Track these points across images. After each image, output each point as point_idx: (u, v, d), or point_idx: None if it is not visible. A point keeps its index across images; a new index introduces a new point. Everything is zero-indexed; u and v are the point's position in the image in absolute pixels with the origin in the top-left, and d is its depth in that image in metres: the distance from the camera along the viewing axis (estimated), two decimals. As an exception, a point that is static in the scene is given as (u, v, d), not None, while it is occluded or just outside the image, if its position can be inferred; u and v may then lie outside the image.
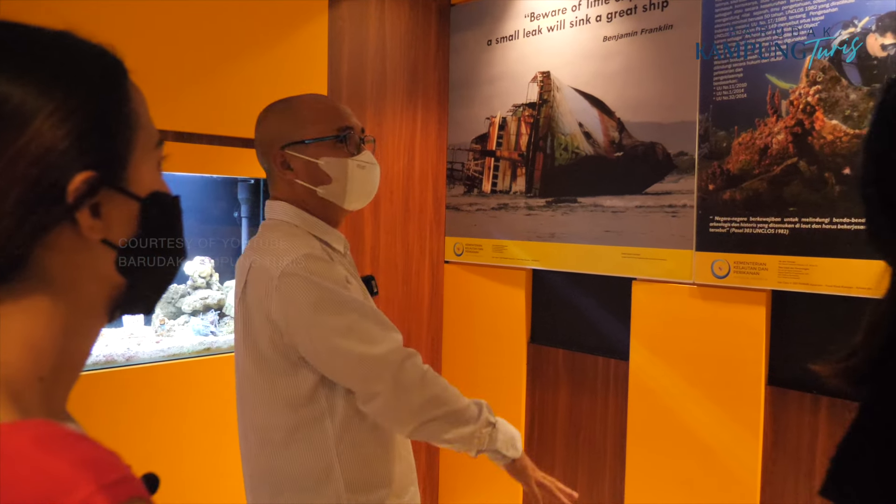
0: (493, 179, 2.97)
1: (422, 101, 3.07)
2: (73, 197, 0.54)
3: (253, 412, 1.41)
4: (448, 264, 3.17)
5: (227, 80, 2.41)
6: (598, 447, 2.66)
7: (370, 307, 1.33)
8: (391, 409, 1.31)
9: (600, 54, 2.58)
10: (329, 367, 1.32)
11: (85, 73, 0.58)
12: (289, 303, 1.28)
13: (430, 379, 1.34)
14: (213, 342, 2.48)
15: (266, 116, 1.45)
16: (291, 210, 1.41)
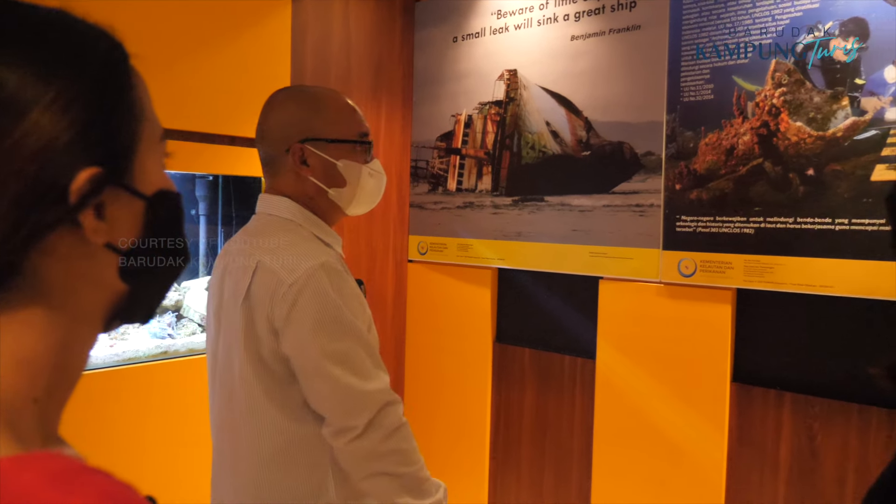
0: (458, 178, 2.96)
1: (386, 97, 3.04)
2: (75, 197, 0.49)
3: (245, 422, 1.32)
4: (412, 263, 3.14)
5: (186, 74, 2.33)
6: (564, 446, 2.67)
7: (368, 340, 1.29)
8: (357, 448, 1.26)
9: (568, 53, 2.59)
10: (312, 388, 1.26)
11: (86, 58, 0.52)
12: (294, 313, 1.23)
13: (405, 433, 1.29)
14: (170, 345, 2.39)
15: (285, 103, 1.37)
16: (295, 208, 1.36)
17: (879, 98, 1.91)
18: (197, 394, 2.32)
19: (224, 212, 2.80)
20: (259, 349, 1.28)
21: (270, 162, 1.37)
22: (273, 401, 1.29)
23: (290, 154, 1.34)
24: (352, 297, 1.28)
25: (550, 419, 2.71)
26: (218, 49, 2.41)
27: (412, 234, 3.14)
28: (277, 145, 1.35)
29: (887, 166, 1.89)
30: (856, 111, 1.95)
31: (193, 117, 2.32)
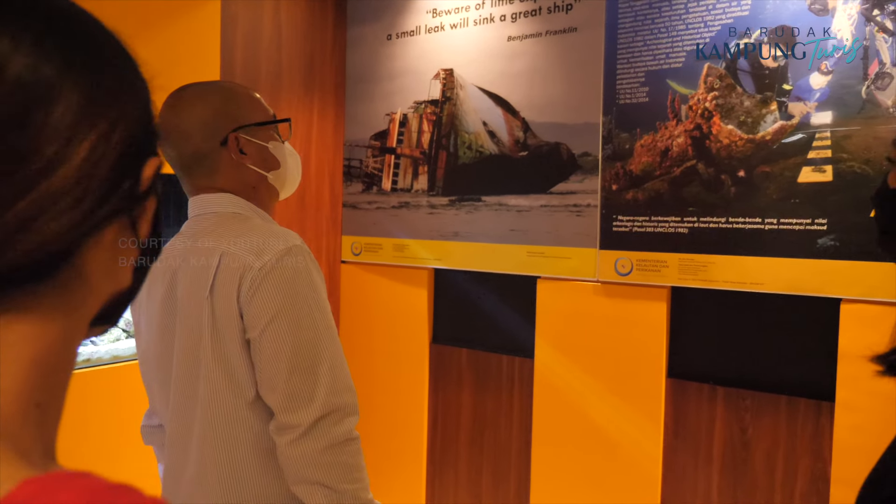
0: (393, 177, 2.92)
1: (318, 94, 2.97)
2: (146, 184, 0.47)
3: (214, 426, 1.25)
4: (345, 264, 3.09)
5: None
6: (502, 446, 2.68)
7: (335, 334, 1.26)
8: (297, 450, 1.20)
9: (505, 54, 2.60)
10: (264, 373, 1.20)
11: (125, 49, 0.54)
12: (261, 294, 1.18)
13: (354, 449, 1.23)
14: (92, 353, 2.27)
15: (202, 98, 1.31)
16: (241, 201, 1.31)
17: (805, 103, 2.00)
18: (123, 403, 2.20)
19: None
20: (227, 347, 1.22)
21: (200, 161, 1.30)
22: (243, 399, 1.23)
23: (227, 145, 1.30)
24: (320, 283, 1.25)
25: (489, 419, 2.72)
26: (143, 42, 2.26)
27: (345, 235, 3.08)
28: (208, 140, 1.29)
29: (812, 168, 1.99)
30: (783, 115, 2.04)
31: None
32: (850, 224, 1.93)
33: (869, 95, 1.91)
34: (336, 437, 1.20)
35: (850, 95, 1.93)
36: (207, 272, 1.23)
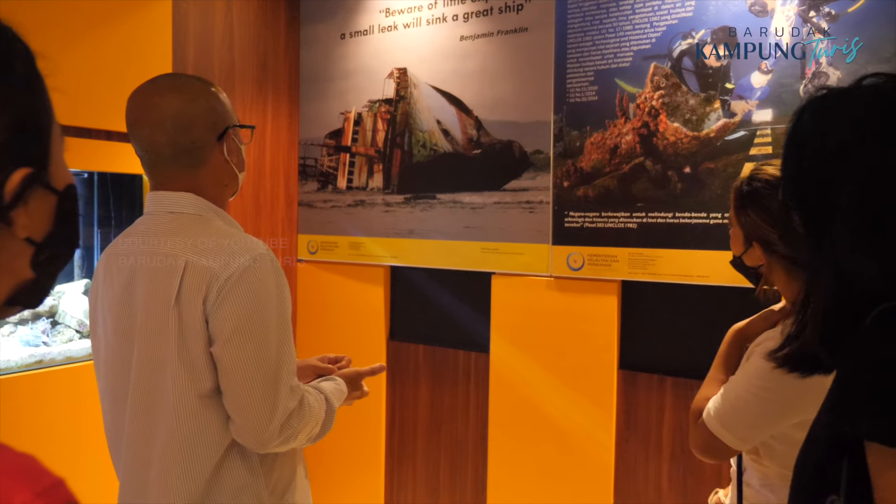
0: (348, 176, 2.86)
1: (272, 93, 2.89)
2: (10, 197, 0.51)
3: (179, 431, 1.21)
4: (301, 263, 3.01)
5: (61, 65, 2.08)
6: (460, 440, 2.65)
7: (291, 345, 1.24)
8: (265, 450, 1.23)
9: (458, 53, 2.56)
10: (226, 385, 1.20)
11: (11, 62, 0.53)
12: (226, 306, 1.17)
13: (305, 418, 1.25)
14: (45, 353, 2.17)
15: (201, 89, 1.27)
16: (201, 203, 1.27)
17: (747, 101, 2.01)
18: (77, 404, 2.11)
19: (101, 212, 2.55)
20: (192, 355, 1.19)
21: (192, 152, 1.25)
22: (209, 408, 1.21)
23: (222, 142, 1.28)
24: (283, 290, 1.24)
25: (445, 414, 2.68)
26: (93, 40, 2.20)
27: (301, 234, 3.01)
28: (208, 134, 1.26)
29: (754, 164, 2.00)
30: (726, 113, 2.04)
31: (67, 110, 2.07)
32: (791, 218, 1.94)
33: (806, 94, 1.92)
34: (294, 430, 1.22)
35: (788, 94, 1.95)
36: (172, 279, 1.19)
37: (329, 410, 1.32)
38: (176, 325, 1.19)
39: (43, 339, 2.23)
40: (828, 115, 0.80)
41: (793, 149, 0.84)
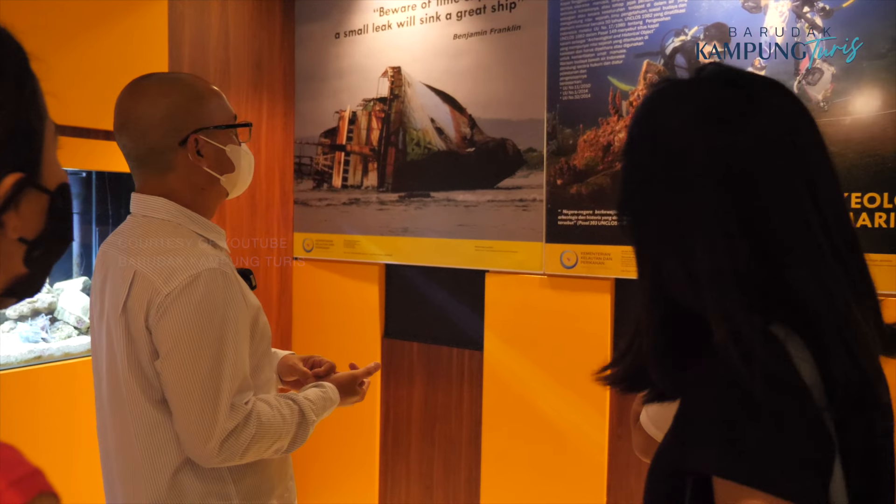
0: (343, 174, 2.82)
1: (267, 92, 2.85)
2: (1, 201, 0.52)
3: (137, 434, 1.20)
4: (297, 261, 2.97)
5: (58, 65, 2.05)
6: (453, 438, 2.61)
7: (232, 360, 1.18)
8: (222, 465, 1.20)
9: (451, 52, 2.52)
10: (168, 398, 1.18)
11: (6, 64, 0.53)
12: (165, 322, 1.14)
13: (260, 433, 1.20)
14: (44, 349, 2.16)
15: (164, 93, 1.22)
16: (173, 208, 1.23)
17: (740, 98, 1.96)
18: (75, 400, 2.09)
19: (99, 210, 2.53)
20: (140, 359, 1.18)
21: (154, 157, 1.23)
22: (161, 411, 1.19)
23: (185, 146, 1.22)
24: (230, 305, 1.18)
25: (439, 411, 2.64)
26: (91, 40, 2.16)
27: (297, 232, 2.97)
28: (167, 138, 1.21)
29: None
30: (720, 110, 2.00)
31: (65, 110, 2.05)
32: (784, 215, 1.90)
33: (800, 90, 1.88)
34: (238, 448, 1.18)
35: (782, 90, 1.90)
36: (123, 287, 1.18)
37: (303, 423, 1.27)
38: (124, 333, 1.18)
39: (42, 335, 2.22)
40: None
41: (622, 155, 0.79)
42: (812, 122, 0.72)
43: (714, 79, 0.73)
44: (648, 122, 0.74)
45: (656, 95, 0.75)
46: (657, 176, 0.72)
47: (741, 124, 0.69)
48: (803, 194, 0.68)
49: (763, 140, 0.68)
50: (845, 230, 0.69)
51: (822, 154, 0.71)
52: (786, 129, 0.69)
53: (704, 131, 0.69)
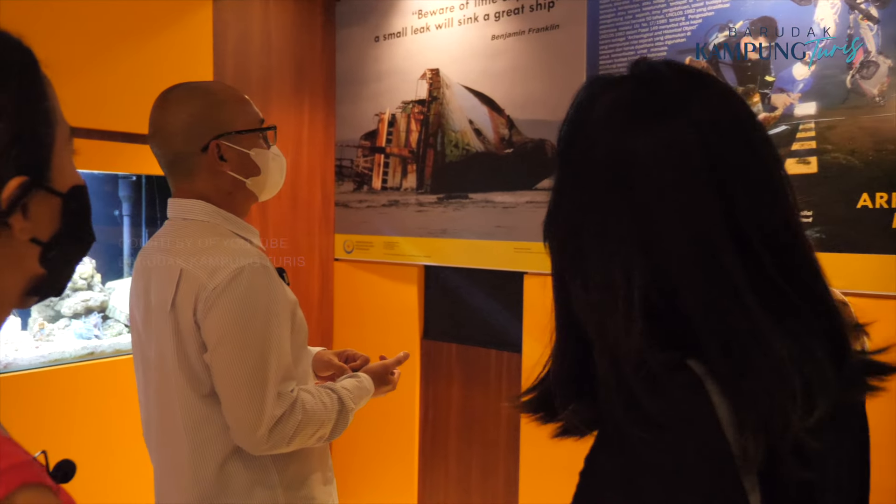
0: (383, 176, 2.80)
1: (308, 96, 2.85)
2: (6, 204, 0.53)
3: (185, 431, 1.24)
4: (338, 262, 2.97)
5: (107, 72, 2.13)
6: (490, 440, 2.56)
7: (277, 353, 1.20)
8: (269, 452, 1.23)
9: (489, 53, 2.47)
10: (219, 391, 1.21)
11: (9, 71, 0.54)
12: (212, 316, 1.17)
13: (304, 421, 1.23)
14: (96, 346, 2.24)
15: (186, 102, 1.25)
16: (210, 209, 1.27)
17: (788, 94, 1.86)
18: (124, 394, 2.15)
19: (147, 212, 2.59)
20: (188, 354, 1.21)
21: (180, 163, 1.27)
22: (209, 405, 1.22)
23: (207, 152, 1.25)
24: (273, 298, 1.21)
25: (477, 413, 2.60)
26: (139, 48, 2.21)
27: (338, 233, 2.96)
28: (189, 145, 1.25)
29: (797, 160, 1.85)
30: (766, 107, 1.90)
31: (115, 117, 2.15)
32: (836, 216, 1.79)
33: (854, 85, 1.77)
34: (285, 435, 1.20)
35: (833, 85, 1.79)
36: (170, 285, 1.21)
37: (342, 411, 1.29)
38: (173, 330, 1.21)
39: (94, 332, 2.30)
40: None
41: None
42: (748, 131, 0.61)
43: (636, 77, 0.64)
44: (566, 122, 0.66)
45: (580, 93, 0.66)
46: (564, 181, 0.64)
47: (645, 127, 0.60)
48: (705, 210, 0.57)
49: (666, 146, 0.58)
50: (783, 252, 0.59)
51: (756, 166, 0.60)
52: (698, 137, 0.59)
53: (609, 133, 0.61)
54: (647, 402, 0.54)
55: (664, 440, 0.53)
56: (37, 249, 0.57)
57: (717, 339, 0.55)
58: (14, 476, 0.48)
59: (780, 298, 0.57)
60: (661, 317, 0.57)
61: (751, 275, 0.57)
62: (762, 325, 0.55)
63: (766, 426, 0.52)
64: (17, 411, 1.93)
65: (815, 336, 0.57)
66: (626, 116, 0.61)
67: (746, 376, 0.53)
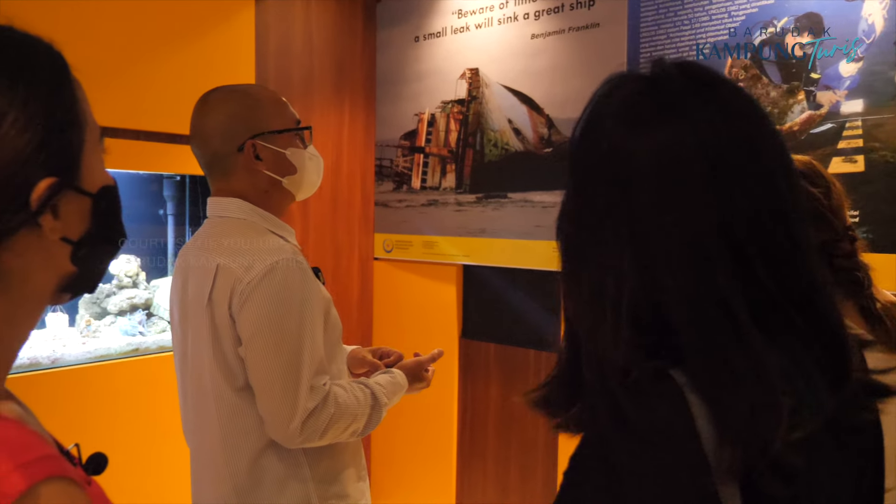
0: (422, 175, 2.83)
1: (349, 97, 2.90)
2: (36, 203, 0.54)
3: (219, 426, 1.27)
4: (377, 261, 3.01)
5: (151, 74, 2.21)
6: (529, 440, 2.57)
7: (310, 347, 1.23)
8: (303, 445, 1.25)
9: (528, 52, 2.48)
10: (253, 384, 1.24)
11: (40, 75, 0.56)
12: (247, 310, 1.20)
13: (336, 415, 1.25)
14: (141, 342, 2.31)
15: (223, 103, 1.30)
16: (247, 207, 1.31)
17: (835, 92, 1.83)
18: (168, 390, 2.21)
19: (192, 211, 2.67)
20: (224, 348, 1.24)
21: (218, 163, 1.32)
22: (243, 398, 1.25)
23: (243, 152, 1.29)
24: (307, 293, 1.24)
25: (516, 413, 2.61)
26: (183, 50, 2.28)
27: (377, 232, 3.01)
28: (226, 145, 1.30)
29: (843, 159, 1.82)
30: (812, 105, 1.87)
31: (160, 118, 2.22)
32: (884, 216, 1.76)
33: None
34: (318, 428, 1.22)
35: (881, 82, 1.76)
36: (207, 280, 1.25)
37: (375, 406, 1.31)
38: (209, 324, 1.24)
39: (139, 329, 2.37)
40: None
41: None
42: (753, 137, 0.59)
43: (646, 78, 0.63)
44: (578, 121, 0.66)
45: (595, 92, 0.66)
46: (570, 181, 0.65)
47: (646, 130, 0.59)
48: (701, 216, 0.57)
49: (664, 149, 0.58)
50: (784, 265, 0.57)
51: (758, 174, 0.58)
52: (698, 141, 0.57)
53: (610, 133, 0.60)
54: (628, 410, 0.54)
55: (643, 449, 0.54)
56: (67, 248, 0.58)
57: (702, 350, 0.55)
58: (40, 468, 0.49)
59: (775, 312, 0.56)
60: (650, 325, 0.57)
61: (744, 286, 0.56)
62: (750, 338, 0.54)
63: (743, 440, 0.52)
64: (63, 405, 2.02)
65: (811, 352, 0.56)
66: (628, 118, 0.60)
67: (727, 388, 0.53)
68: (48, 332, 2.22)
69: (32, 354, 2.04)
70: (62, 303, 0.64)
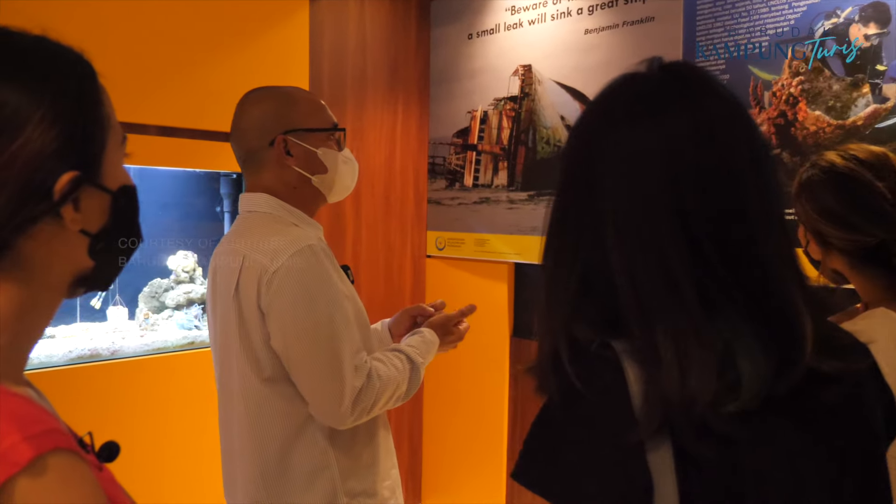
0: (474, 173, 2.87)
1: (402, 95, 2.96)
2: (58, 195, 0.59)
3: (247, 418, 1.31)
4: (430, 258, 3.07)
5: (208, 74, 2.31)
6: (581, 439, 2.57)
7: (342, 332, 1.27)
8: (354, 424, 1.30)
9: (581, 47, 2.48)
10: (291, 372, 1.27)
11: (67, 79, 0.62)
12: (275, 297, 1.23)
13: (380, 388, 1.29)
14: (196, 336, 2.42)
15: (260, 101, 1.37)
16: (274, 202, 1.35)
17: (902, 84, 1.78)
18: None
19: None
20: (251, 338, 1.28)
21: (251, 157, 1.37)
22: (269, 387, 1.29)
23: (274, 146, 1.34)
24: (329, 280, 1.27)
25: (567, 413, 2.61)
26: (239, 50, 2.38)
27: (430, 230, 3.06)
28: (259, 140, 1.35)
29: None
30: (877, 98, 1.82)
31: (217, 117, 2.29)
32: (954, 214, 1.69)
33: None
34: (368, 403, 1.27)
35: (953, 74, 1.70)
36: (234, 273, 1.29)
37: (413, 368, 1.36)
38: (236, 316, 1.28)
39: (195, 322, 2.47)
40: None
41: None
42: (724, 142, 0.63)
43: (632, 78, 0.70)
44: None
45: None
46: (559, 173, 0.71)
47: (612, 130, 0.65)
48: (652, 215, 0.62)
49: (622, 148, 0.64)
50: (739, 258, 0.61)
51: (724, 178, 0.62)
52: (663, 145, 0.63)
53: (587, 130, 0.68)
54: (573, 376, 0.60)
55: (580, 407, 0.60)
56: (85, 241, 0.63)
57: (642, 316, 0.60)
58: (48, 440, 0.52)
59: (721, 293, 0.60)
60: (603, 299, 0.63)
61: (695, 267, 0.60)
62: (691, 308, 0.59)
63: (667, 398, 0.56)
64: (121, 394, 2.14)
65: (758, 333, 0.60)
66: (606, 116, 0.67)
67: (662, 350, 0.58)
68: (109, 324, 2.35)
69: (93, 346, 2.16)
70: (75, 296, 0.67)
